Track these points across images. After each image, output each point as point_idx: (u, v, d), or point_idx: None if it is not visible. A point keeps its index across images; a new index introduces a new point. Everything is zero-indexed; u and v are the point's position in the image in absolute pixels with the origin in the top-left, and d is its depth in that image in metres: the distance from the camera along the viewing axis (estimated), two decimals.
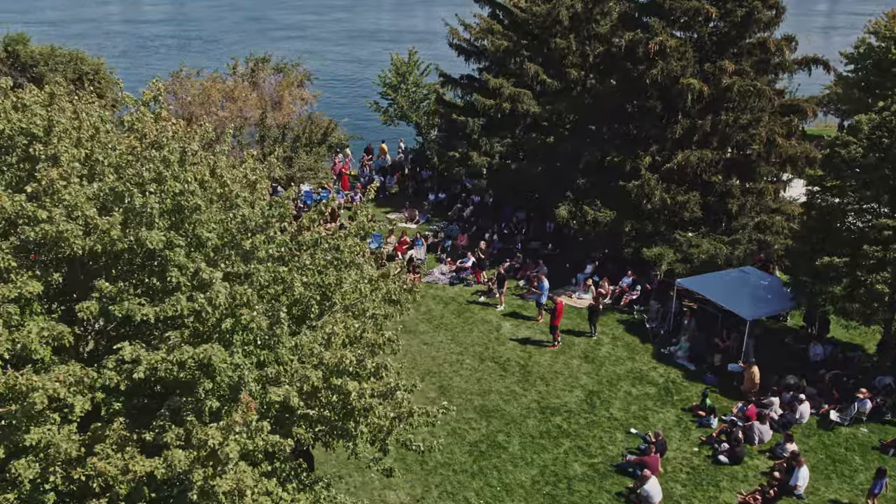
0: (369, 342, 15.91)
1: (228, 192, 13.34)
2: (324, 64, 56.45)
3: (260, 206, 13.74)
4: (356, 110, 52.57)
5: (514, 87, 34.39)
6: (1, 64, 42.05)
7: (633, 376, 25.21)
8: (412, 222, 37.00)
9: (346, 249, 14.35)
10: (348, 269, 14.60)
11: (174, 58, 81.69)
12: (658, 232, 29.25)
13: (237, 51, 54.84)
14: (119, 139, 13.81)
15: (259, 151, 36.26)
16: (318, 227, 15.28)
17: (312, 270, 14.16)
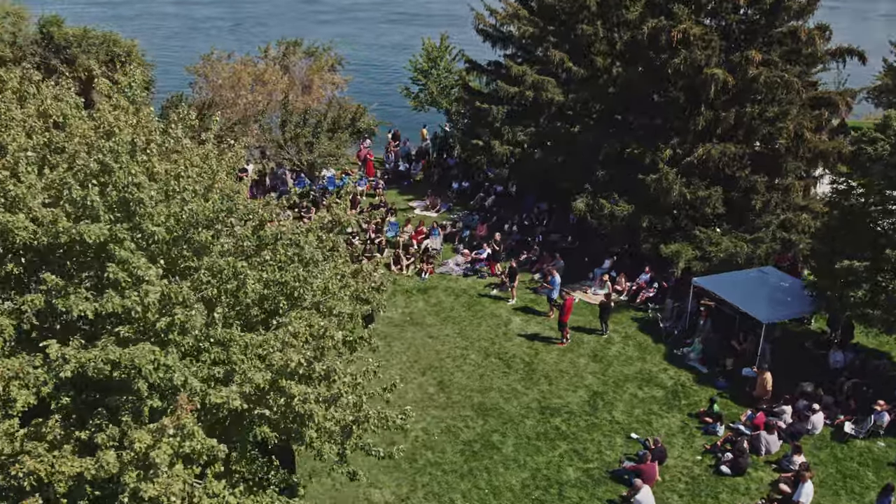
0: (341, 340, 15.51)
1: (178, 185, 12.91)
2: (354, 49, 55.95)
3: (213, 200, 13.29)
4: (388, 96, 51.99)
5: (538, 74, 33.48)
6: (36, 45, 42.50)
7: (641, 378, 24.32)
8: (433, 210, 36.40)
9: (308, 245, 13.79)
10: (316, 265, 14.05)
11: (223, 39, 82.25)
12: (678, 228, 28.17)
13: (285, 33, 54.93)
14: (78, 128, 13.48)
15: (280, 136, 36.14)
16: (285, 221, 14.84)
17: (273, 267, 13.70)
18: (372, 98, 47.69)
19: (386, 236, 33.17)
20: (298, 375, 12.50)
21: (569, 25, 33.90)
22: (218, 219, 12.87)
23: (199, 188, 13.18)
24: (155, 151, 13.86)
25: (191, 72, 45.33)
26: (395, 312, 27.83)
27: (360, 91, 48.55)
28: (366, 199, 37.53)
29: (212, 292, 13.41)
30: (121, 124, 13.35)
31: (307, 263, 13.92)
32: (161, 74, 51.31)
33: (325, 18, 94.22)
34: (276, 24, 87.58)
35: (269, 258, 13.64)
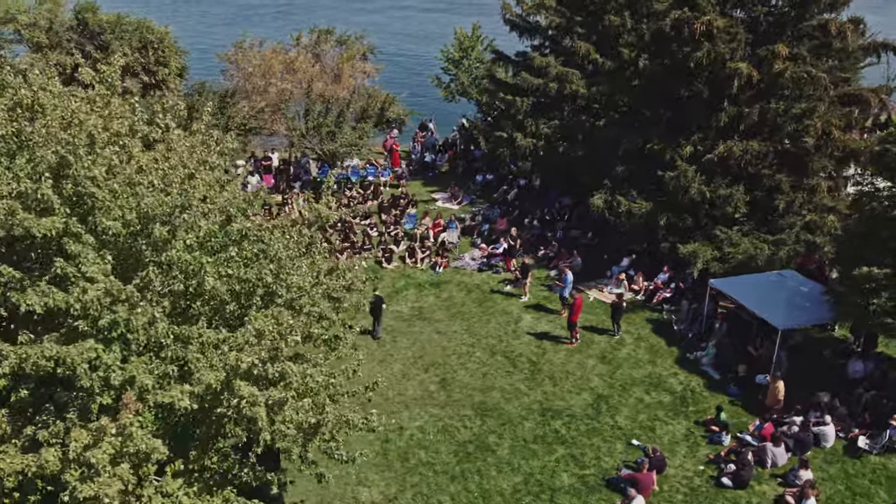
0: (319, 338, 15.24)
1: (140, 178, 12.67)
2: (381, 38, 55.48)
3: (172, 195, 12.99)
4: (419, 86, 51.49)
5: (564, 66, 32.72)
6: (72, 32, 43.02)
7: (649, 382, 23.58)
8: (455, 203, 35.91)
9: (274, 242, 13.45)
10: (279, 262, 13.72)
11: (268, 27, 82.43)
12: (699, 227, 27.24)
13: (330, 20, 54.73)
14: (44, 120, 13.32)
15: (303, 125, 35.99)
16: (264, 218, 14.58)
17: (238, 263, 13.42)
18: (402, 88, 47.37)
19: (403, 228, 32.80)
20: (253, 377, 12.19)
21: (597, 16, 33.07)
22: (173, 214, 12.54)
23: (160, 182, 12.88)
24: (128, 144, 13.65)
25: (222, 59, 45.47)
26: (405, 306, 27.49)
27: (391, 80, 48.22)
28: (388, 189, 37.17)
29: (178, 287, 13.22)
30: (81, 115, 13.08)
31: (275, 261, 13.56)
32: (204, 62, 51.51)
33: (374, 7, 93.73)
34: (322, 12, 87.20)
35: (234, 254, 13.34)
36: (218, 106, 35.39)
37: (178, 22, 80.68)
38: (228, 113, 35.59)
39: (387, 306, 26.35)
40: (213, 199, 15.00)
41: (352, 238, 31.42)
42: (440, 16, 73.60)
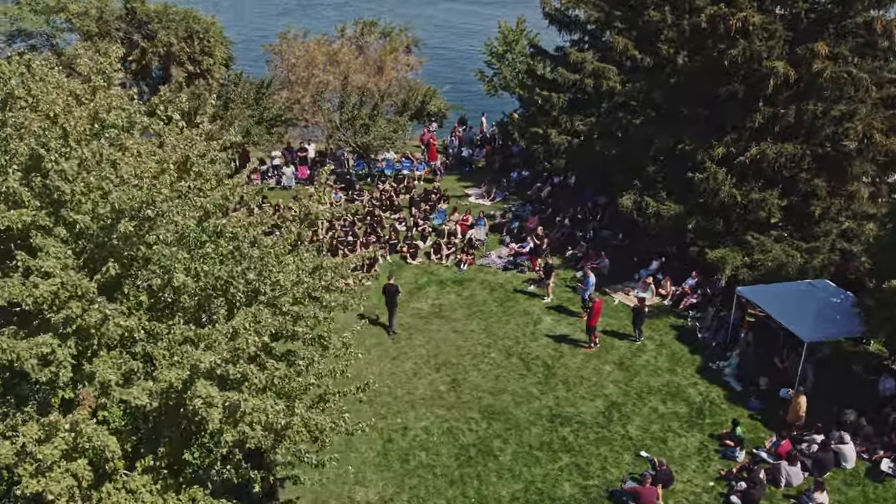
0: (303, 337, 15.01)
1: (114, 173, 12.54)
2: (426, 31, 55.10)
3: (144, 190, 12.80)
4: (462, 80, 50.99)
5: (602, 62, 31.89)
6: (120, 21, 43.75)
7: (666, 391, 22.80)
8: (488, 199, 35.40)
9: (246, 240, 13.22)
10: (250, 260, 13.47)
11: (330, 17, 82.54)
12: (730, 231, 26.24)
13: (390, 12, 54.52)
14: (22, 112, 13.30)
15: (338, 117, 35.91)
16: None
17: (214, 260, 13.25)
18: (445, 81, 46.97)
19: (432, 223, 32.46)
20: (217, 377, 12.00)
21: (637, 11, 32.11)
22: (141, 209, 12.35)
23: (132, 176, 12.72)
24: (123, 136, 13.59)
25: (267, 50, 45.75)
26: (425, 304, 27.16)
27: (433, 73, 47.91)
28: (422, 184, 36.85)
29: (155, 282, 13.11)
30: (57, 108, 13.01)
31: (246, 259, 13.32)
32: (255, 52, 51.65)
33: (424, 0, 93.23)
34: (379, 4, 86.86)
35: (210, 251, 13.17)
36: (253, 97, 35.53)
37: (238, 13, 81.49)
38: (264, 104, 35.67)
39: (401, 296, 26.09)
40: (206, 194, 14.89)
41: (379, 232, 31.20)
42: (486, 9, 72.61)
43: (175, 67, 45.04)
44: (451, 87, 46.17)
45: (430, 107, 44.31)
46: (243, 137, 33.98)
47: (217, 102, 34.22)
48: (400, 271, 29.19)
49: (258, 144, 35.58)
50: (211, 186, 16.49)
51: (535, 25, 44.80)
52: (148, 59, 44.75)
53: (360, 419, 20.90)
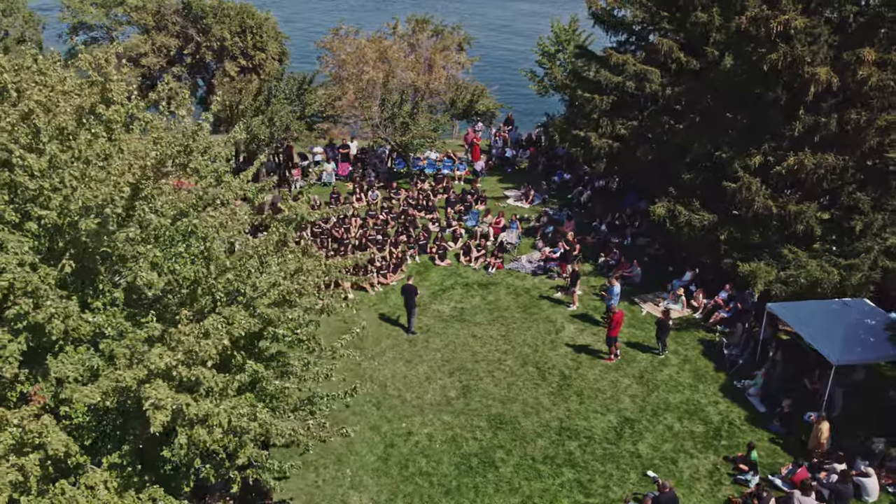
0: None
1: (81, 170, 12.54)
2: (479, 29, 54.49)
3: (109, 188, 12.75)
4: (514, 80, 50.30)
5: (647, 64, 30.90)
6: (177, 15, 44.59)
7: (685, 408, 21.92)
8: (526, 202, 34.77)
9: (216, 242, 13.06)
10: (216, 262, 13.31)
11: (405, 12, 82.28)
12: (768, 244, 25.06)
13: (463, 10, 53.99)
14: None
15: (378, 115, 35.79)
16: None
17: (185, 260, 13.15)
18: (495, 80, 46.47)
19: (465, 225, 32.05)
20: (176, 380, 11.89)
21: (686, 12, 31.03)
22: (104, 206, 12.30)
23: (108, 173, 12.71)
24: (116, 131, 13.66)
25: (319, 46, 45.98)
26: (447, 306, 26.78)
27: (483, 72, 47.44)
28: (462, 184, 36.45)
29: (126, 280, 13.09)
30: (31, 104, 13.07)
31: (213, 260, 13.16)
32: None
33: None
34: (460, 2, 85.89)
35: (182, 251, 13.07)
36: (295, 92, 35.68)
37: (312, 7, 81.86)
38: (306, 100, 35.78)
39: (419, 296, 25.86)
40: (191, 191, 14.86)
41: (410, 232, 30.93)
42: (541, 7, 71.49)
43: (228, 62, 45.65)
44: (499, 86, 45.63)
45: (478, 106, 43.89)
46: (283, 133, 34.12)
47: (259, 97, 34.53)
48: (427, 272, 28.89)
49: (298, 140, 35.69)
50: (208, 184, 16.51)
51: (590, 25, 43.92)
52: (202, 52, 45.49)
53: (366, 422, 20.92)
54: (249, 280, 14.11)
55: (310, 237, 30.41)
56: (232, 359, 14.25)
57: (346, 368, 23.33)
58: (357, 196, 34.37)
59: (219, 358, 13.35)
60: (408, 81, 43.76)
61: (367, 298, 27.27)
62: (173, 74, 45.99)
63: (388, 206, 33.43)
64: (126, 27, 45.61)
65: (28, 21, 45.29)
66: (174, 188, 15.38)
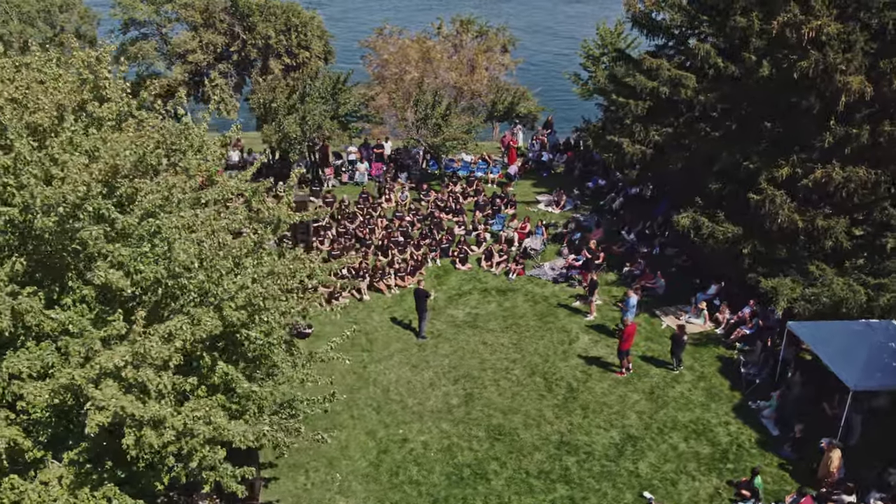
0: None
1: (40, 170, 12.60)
2: (524, 31, 53.78)
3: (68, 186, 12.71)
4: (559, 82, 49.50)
5: (682, 69, 29.98)
6: (224, 13, 45.20)
7: (693, 428, 21.10)
8: (557, 207, 34.12)
9: (177, 243, 12.94)
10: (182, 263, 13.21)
11: (467, 13, 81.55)
12: (795, 259, 24.00)
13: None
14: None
15: (412, 116, 35.59)
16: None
17: (150, 260, 13.11)
18: (537, 83, 45.84)
19: (490, 229, 31.60)
20: (126, 381, 11.85)
21: (726, 16, 29.98)
22: (59, 204, 12.29)
23: (56, 171, 12.73)
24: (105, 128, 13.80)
25: (363, 45, 46.06)
26: (462, 311, 26.40)
27: (526, 74, 46.86)
28: (493, 187, 35.98)
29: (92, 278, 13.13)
30: (1, 101, 13.19)
31: (174, 262, 13.07)
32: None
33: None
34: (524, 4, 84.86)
35: (147, 251, 13.04)
36: (329, 91, 35.71)
37: (371, 6, 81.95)
38: (340, 99, 35.79)
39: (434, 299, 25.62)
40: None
41: (435, 234, 30.62)
42: (590, 9, 70.23)
43: (273, 60, 46.04)
44: (542, 89, 44.97)
45: (519, 108, 43.35)
46: (315, 131, 34.19)
47: (293, 96, 34.68)
48: (446, 276, 28.57)
49: (330, 139, 35.72)
50: (197, 183, 16.52)
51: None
52: (247, 50, 46.00)
53: (363, 427, 20.72)
54: (222, 282, 13.99)
55: (335, 236, 30.44)
56: (200, 359, 14.17)
57: (351, 371, 23.21)
58: (386, 196, 34.22)
59: (182, 359, 13.34)
60: (449, 82, 43.50)
61: (382, 300, 27.06)
62: (219, 72, 46.70)
63: (416, 207, 33.19)
64: (175, 24, 46.41)
65: (84, 17, 46.47)
66: (200, 183, 15.62)
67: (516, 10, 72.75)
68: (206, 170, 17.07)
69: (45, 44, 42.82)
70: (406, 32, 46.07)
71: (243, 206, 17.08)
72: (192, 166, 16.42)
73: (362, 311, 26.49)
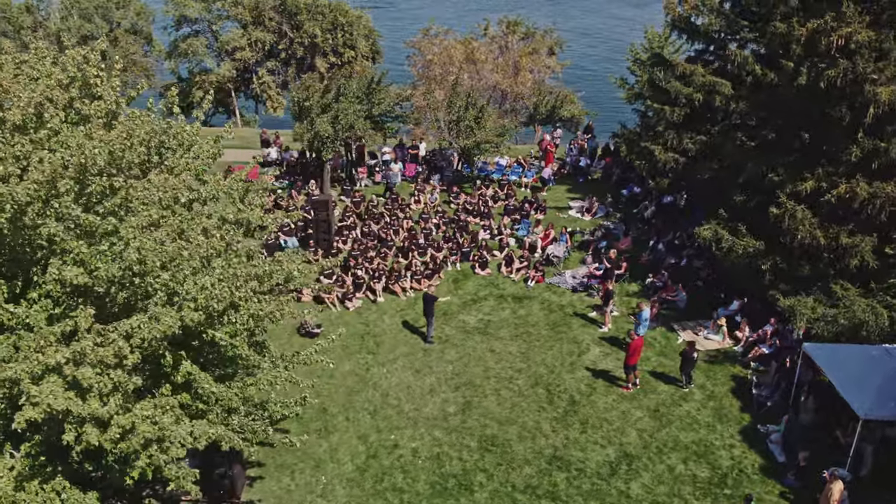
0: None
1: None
2: (572, 33, 52.84)
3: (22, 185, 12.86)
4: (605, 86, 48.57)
5: (719, 76, 28.96)
6: (273, 11, 45.85)
7: (694, 449, 20.30)
8: (588, 214, 33.40)
9: (134, 243, 12.96)
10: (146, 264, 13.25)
11: (539, 12, 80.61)
12: (820, 278, 22.89)
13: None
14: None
15: (444, 118, 35.37)
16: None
17: (107, 258, 13.22)
18: (581, 86, 45.10)
19: (515, 234, 31.12)
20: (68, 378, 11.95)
21: (767, 21, 28.83)
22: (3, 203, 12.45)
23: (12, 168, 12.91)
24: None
25: (408, 45, 46.08)
26: (474, 317, 26.04)
27: (571, 77, 46.11)
28: (526, 191, 35.44)
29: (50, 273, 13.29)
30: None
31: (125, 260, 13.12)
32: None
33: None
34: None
35: (105, 249, 13.13)
36: (364, 91, 35.73)
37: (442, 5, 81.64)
38: (375, 98, 35.76)
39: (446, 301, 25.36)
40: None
41: (458, 238, 30.29)
42: (646, 12, 68.63)
43: (319, 58, 46.42)
44: (587, 93, 44.22)
45: (562, 112, 42.73)
46: (347, 131, 34.25)
47: (328, 95, 34.82)
48: (464, 280, 28.24)
49: (363, 139, 35.74)
50: (181, 182, 16.58)
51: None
52: (294, 48, 46.50)
53: (355, 430, 20.61)
54: (185, 283, 14.00)
55: (358, 237, 30.43)
56: (162, 358, 14.21)
57: (353, 373, 23.16)
58: (415, 198, 34.05)
59: (140, 357, 13.40)
60: (493, 84, 43.14)
61: (396, 303, 26.90)
62: (267, 69, 47.32)
63: (443, 209, 32.93)
64: (225, 21, 47.26)
65: (140, 13, 47.69)
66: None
67: (571, 12, 71.76)
68: (193, 168, 17.13)
69: (102, 39, 44.02)
70: (452, 33, 45.88)
71: (232, 205, 17.14)
72: (177, 165, 16.53)
73: (374, 312, 26.37)
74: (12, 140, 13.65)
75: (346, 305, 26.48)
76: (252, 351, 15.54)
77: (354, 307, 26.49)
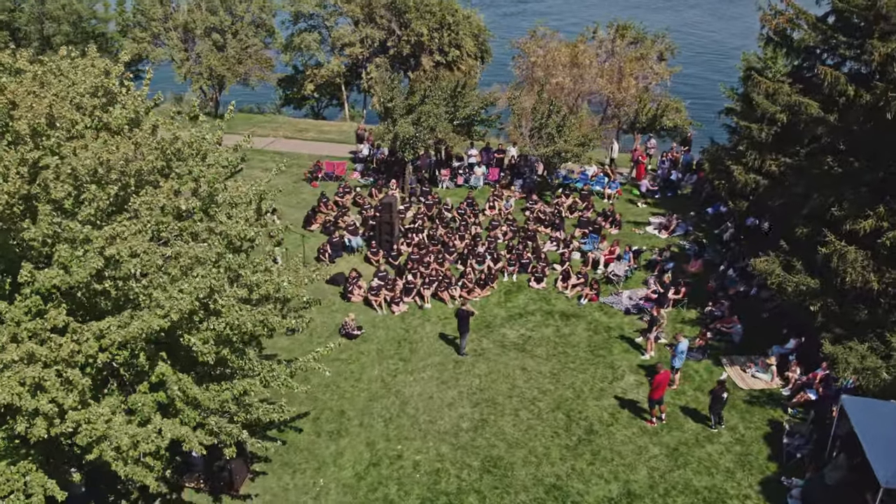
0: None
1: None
2: (686, 37, 50.35)
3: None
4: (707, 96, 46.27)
5: (806, 95, 27.09)
6: (385, 9, 46.69)
7: (705, 496, 19.26)
8: (666, 232, 32.14)
9: (93, 252, 13.77)
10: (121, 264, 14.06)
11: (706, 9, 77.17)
12: (878, 324, 21.09)
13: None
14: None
15: (527, 124, 34.99)
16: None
17: (82, 263, 14.13)
18: (686, 95, 43.20)
19: (582, 248, 30.42)
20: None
21: (864, 38, 26.65)
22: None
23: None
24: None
25: (514, 46, 45.79)
26: (515, 332, 25.74)
27: (676, 85, 44.22)
28: (607, 202, 34.53)
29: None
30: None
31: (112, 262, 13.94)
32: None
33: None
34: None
35: (80, 255, 14.03)
36: (450, 94, 35.81)
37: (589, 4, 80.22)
38: (460, 102, 35.81)
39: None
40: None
41: (520, 248, 29.93)
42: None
43: (425, 56, 46.99)
44: (691, 101, 42.35)
45: (664, 121, 41.21)
46: (429, 134, 34.52)
47: (413, 97, 35.21)
48: (516, 293, 27.96)
49: (442, 142, 35.88)
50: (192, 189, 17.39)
51: None
52: (401, 46, 47.26)
53: (366, 436, 20.99)
54: (161, 290, 14.72)
55: (425, 240, 30.68)
56: (136, 359, 15.04)
57: (380, 378, 23.47)
58: (489, 204, 33.92)
59: (110, 357, 14.28)
60: (596, 89, 42.17)
61: (442, 310, 26.97)
62: (376, 65, 48.33)
63: (513, 218, 32.62)
64: (338, 18, 48.61)
65: (263, 7, 49.80)
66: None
67: (696, 18, 68.58)
68: (207, 176, 17.82)
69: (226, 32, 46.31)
70: (557, 35, 45.15)
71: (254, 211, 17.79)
72: (187, 174, 17.29)
73: (418, 318, 26.59)
74: (18, 149, 14.75)
75: (392, 309, 26.79)
76: (235, 357, 16.07)
77: (400, 311, 26.77)
